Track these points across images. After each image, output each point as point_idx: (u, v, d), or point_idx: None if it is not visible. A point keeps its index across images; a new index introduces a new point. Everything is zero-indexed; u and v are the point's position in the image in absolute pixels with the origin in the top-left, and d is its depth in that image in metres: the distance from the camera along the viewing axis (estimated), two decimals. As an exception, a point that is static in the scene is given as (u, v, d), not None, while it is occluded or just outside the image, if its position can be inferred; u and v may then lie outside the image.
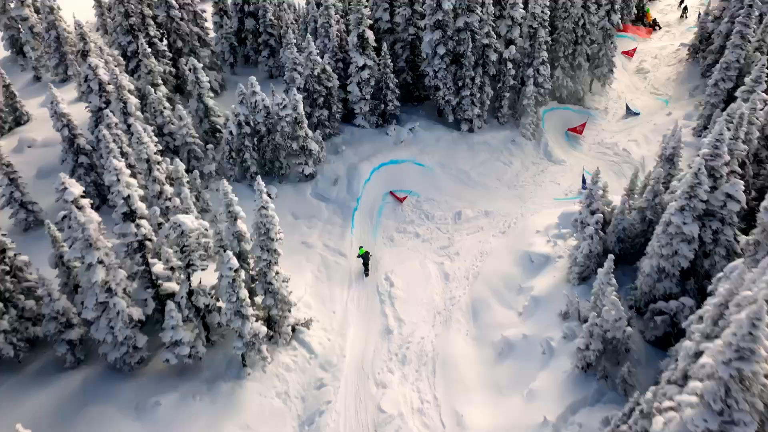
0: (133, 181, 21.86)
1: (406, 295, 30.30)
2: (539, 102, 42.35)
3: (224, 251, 23.67)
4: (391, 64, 37.88)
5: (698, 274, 23.52)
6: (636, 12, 62.40)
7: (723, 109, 36.59)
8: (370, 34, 36.47)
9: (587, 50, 44.48)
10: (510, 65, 39.13)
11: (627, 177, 38.39)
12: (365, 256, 31.16)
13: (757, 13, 33.93)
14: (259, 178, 23.53)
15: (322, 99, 36.78)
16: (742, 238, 17.74)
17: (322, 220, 34.40)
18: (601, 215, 26.31)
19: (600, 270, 23.23)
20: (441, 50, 37.35)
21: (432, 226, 34.96)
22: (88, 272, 20.98)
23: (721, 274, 18.68)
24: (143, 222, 22.49)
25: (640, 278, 24.41)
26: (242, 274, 22.63)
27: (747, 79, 26.25)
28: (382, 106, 39.01)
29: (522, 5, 38.39)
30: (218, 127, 36.86)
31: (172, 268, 23.99)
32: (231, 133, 33.48)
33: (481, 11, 37.02)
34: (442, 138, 39.80)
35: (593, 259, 26.65)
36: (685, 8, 65.50)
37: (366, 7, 36.35)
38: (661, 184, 25.81)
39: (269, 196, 34.36)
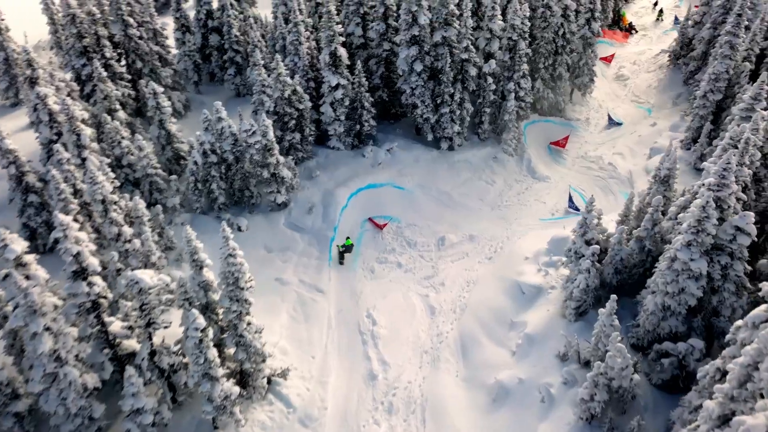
0: (83, 235, 19.41)
1: (389, 334, 28.22)
2: (520, 116, 40.68)
3: (189, 305, 21.43)
4: (366, 82, 35.80)
5: (705, 311, 21.90)
6: (612, 16, 61.36)
7: (713, 121, 35.35)
8: (342, 52, 34.33)
9: (568, 60, 42.95)
10: (490, 80, 37.32)
11: (614, 193, 37.09)
12: (348, 248, 31.48)
13: (745, 23, 32.59)
14: (224, 223, 21.28)
15: (293, 122, 34.54)
16: (765, 285, 16.03)
17: (297, 252, 32.13)
18: (597, 246, 24.54)
19: (601, 311, 21.45)
20: (418, 66, 35.38)
21: (414, 254, 32.93)
22: (34, 341, 18.49)
23: (741, 323, 16.97)
24: (96, 279, 20.06)
25: (642, 315, 22.67)
26: (210, 332, 20.32)
27: (746, 96, 24.79)
28: (358, 126, 36.90)
29: (501, 17, 36.60)
30: (182, 154, 34.36)
31: (131, 327, 21.56)
32: (196, 162, 31.04)
33: (459, 25, 35.15)
34: (422, 158, 37.83)
35: (590, 293, 24.87)
36: (661, 11, 64.63)
37: (338, 23, 34.18)
38: (660, 211, 24.12)
39: (239, 229, 32.37)
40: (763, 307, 16.41)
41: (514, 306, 28.32)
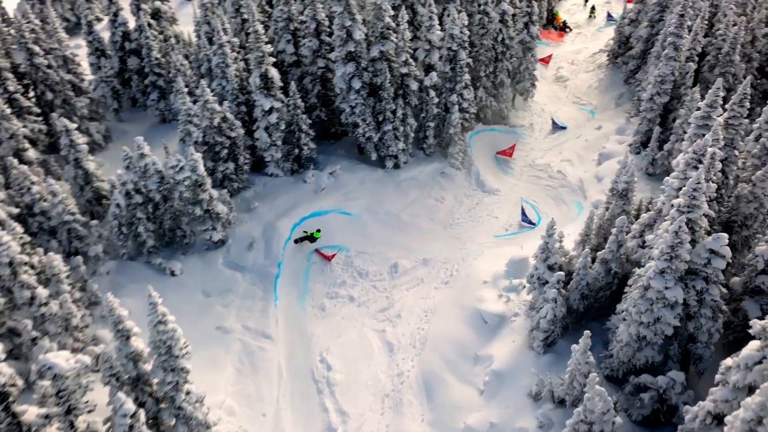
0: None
1: (346, 379, 26.00)
2: (465, 128, 39.11)
3: (116, 381, 18.70)
4: (302, 102, 33.43)
5: (681, 337, 20.65)
6: (546, 15, 60.86)
7: (660, 123, 34.65)
8: (274, 73, 31.83)
9: (508, 66, 41.72)
10: (432, 93, 35.56)
11: (566, 203, 35.99)
12: (312, 238, 31.49)
13: (688, 23, 31.93)
14: (150, 287, 18.53)
15: (225, 151, 31.84)
16: (756, 323, 14.69)
17: (239, 294, 29.46)
18: (562, 273, 23.05)
19: (575, 347, 19.91)
20: (356, 84, 33.25)
21: (367, 284, 30.77)
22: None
23: (731, 363, 15.63)
24: (1, 367, 17.03)
25: (616, 346, 21.25)
26: (141, 414, 17.63)
27: (702, 104, 23.76)
28: (297, 150, 34.48)
29: (439, 27, 34.88)
30: (104, 193, 31.17)
31: (47, 416, 18.56)
32: (118, 205, 27.99)
33: (396, 38, 33.22)
34: (367, 179, 35.72)
35: (558, 323, 23.34)
36: (593, 8, 64.62)
37: (267, 42, 31.67)
38: (625, 232, 22.82)
39: (173, 273, 29.47)
40: (754, 345, 15.09)
41: (477, 337, 26.57)
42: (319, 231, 31.58)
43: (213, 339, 26.91)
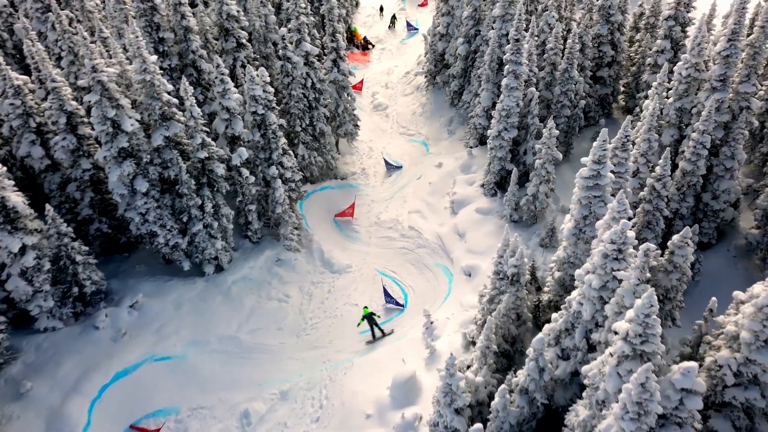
0: None
1: None
2: (293, 198, 32.03)
3: None
4: (71, 222, 24.23)
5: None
6: (344, 34, 55.59)
7: (512, 160, 30.51)
8: (16, 200, 22.20)
9: (325, 112, 35.40)
10: (245, 171, 28.07)
11: (430, 268, 30.72)
12: (369, 318, 26.61)
13: (525, 47, 27.82)
14: None
15: (-39, 324, 21.76)
16: None
17: None
18: (480, 427, 17.19)
19: None
20: (142, 185, 24.73)
21: (214, 455, 22.81)
22: None
23: None
24: None
25: None
26: None
27: (587, 160, 19.18)
28: (76, 288, 25.10)
29: (235, 89, 27.40)
30: None
31: None
32: None
33: (185, 116, 25.19)
34: (184, 299, 27.31)
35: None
36: (393, 16, 60.63)
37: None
38: (541, 353, 17.55)
39: None
40: None
41: None
42: (366, 307, 27.47)
43: None
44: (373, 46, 57.70)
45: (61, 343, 24.57)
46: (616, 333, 14.50)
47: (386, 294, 28.96)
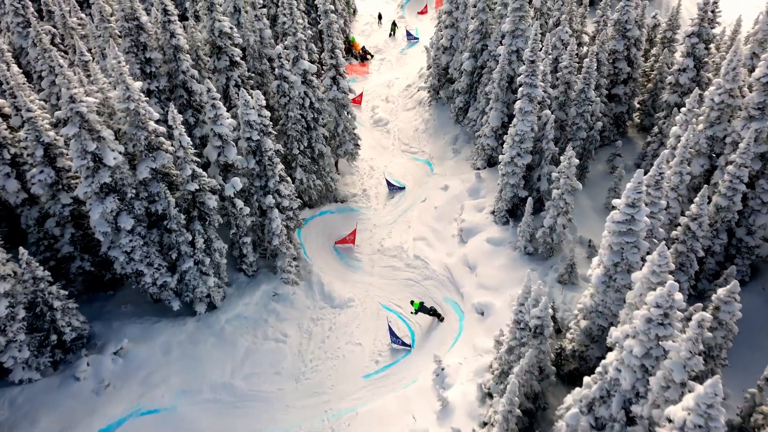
0: None
1: None
2: (291, 228, 29.96)
3: None
4: (47, 272, 22.10)
5: None
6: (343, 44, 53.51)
7: (524, 186, 28.54)
8: (-16, 245, 20.18)
9: (324, 132, 33.36)
10: (239, 202, 26.01)
11: (438, 303, 28.61)
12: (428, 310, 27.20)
13: (541, 68, 25.85)
14: None
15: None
16: None
17: None
18: None
19: None
20: (126, 222, 22.63)
21: None
22: None
23: None
24: None
25: None
26: None
27: (619, 203, 17.20)
28: (54, 335, 22.98)
29: (227, 115, 25.32)
30: None
31: None
32: None
33: (173, 145, 23.12)
34: (173, 342, 25.23)
35: None
36: (394, 23, 58.43)
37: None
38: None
39: None
40: None
41: None
42: (413, 301, 27.52)
43: None
44: (372, 56, 55.59)
45: (37, 397, 22.41)
46: (670, 420, 12.55)
47: (392, 334, 26.95)
